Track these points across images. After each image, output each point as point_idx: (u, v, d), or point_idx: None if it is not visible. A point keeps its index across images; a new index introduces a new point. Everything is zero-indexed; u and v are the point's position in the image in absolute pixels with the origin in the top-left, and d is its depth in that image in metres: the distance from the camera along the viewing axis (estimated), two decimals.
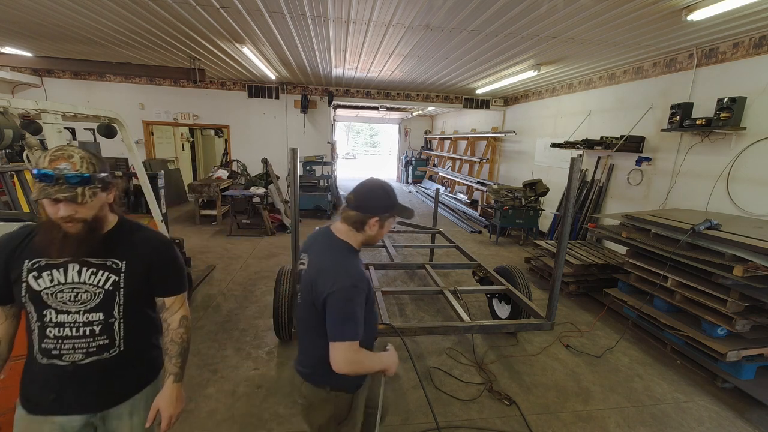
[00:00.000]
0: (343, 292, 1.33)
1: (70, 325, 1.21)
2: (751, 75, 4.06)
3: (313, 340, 1.47)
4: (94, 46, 6.09)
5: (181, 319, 1.40)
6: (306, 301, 1.44)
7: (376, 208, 1.45)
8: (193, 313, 3.98)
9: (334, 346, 1.32)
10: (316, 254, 1.48)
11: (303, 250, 1.57)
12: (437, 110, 14.22)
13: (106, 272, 1.23)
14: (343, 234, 1.49)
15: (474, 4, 3.65)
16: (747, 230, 3.21)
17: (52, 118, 2.32)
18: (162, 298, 1.38)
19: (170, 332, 1.38)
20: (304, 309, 1.47)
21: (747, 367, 2.99)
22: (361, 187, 1.48)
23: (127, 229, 1.32)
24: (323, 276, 1.37)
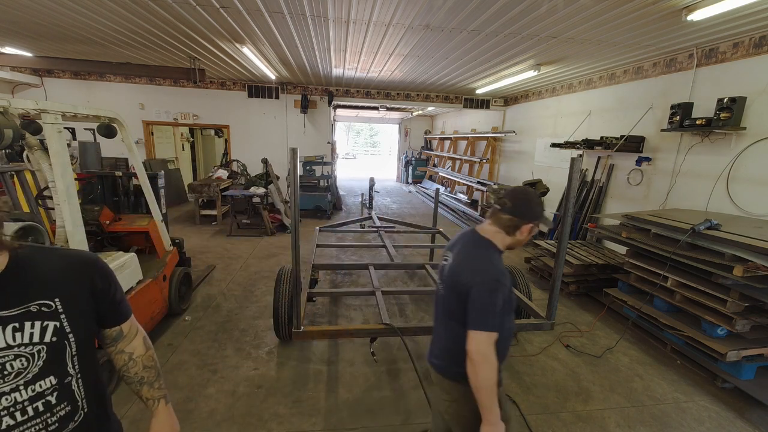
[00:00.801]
0: (487, 284, 1.41)
1: (10, 411, 0.85)
2: (751, 75, 4.06)
3: (453, 331, 1.52)
4: (94, 46, 6.09)
5: (144, 341, 1.20)
6: (448, 292, 1.53)
7: (532, 215, 1.52)
8: (193, 313, 3.98)
9: (472, 334, 1.38)
10: (461, 250, 1.58)
11: (447, 248, 1.67)
12: (437, 110, 14.21)
13: (37, 321, 0.89)
14: (490, 234, 1.56)
15: (474, 4, 3.65)
16: (747, 230, 3.21)
17: (52, 118, 2.32)
18: (116, 327, 1.11)
19: (138, 360, 1.16)
20: (446, 300, 1.56)
21: (747, 367, 2.99)
22: (518, 193, 1.54)
23: (34, 259, 0.93)
24: (468, 268, 1.48)
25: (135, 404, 2.63)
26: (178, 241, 4.18)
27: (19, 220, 2.28)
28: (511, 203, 1.52)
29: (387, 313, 2.95)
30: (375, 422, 2.59)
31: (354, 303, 4.42)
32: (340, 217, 9.07)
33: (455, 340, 1.48)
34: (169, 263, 3.74)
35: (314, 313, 4.16)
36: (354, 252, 6.36)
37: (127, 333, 1.14)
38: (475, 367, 1.36)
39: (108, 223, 3.53)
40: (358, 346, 3.48)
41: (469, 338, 1.39)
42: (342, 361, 3.27)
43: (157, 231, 3.70)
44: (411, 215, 9.73)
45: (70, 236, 2.41)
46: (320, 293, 3.66)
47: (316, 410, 2.67)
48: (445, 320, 1.58)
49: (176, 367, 3.07)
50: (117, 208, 4.28)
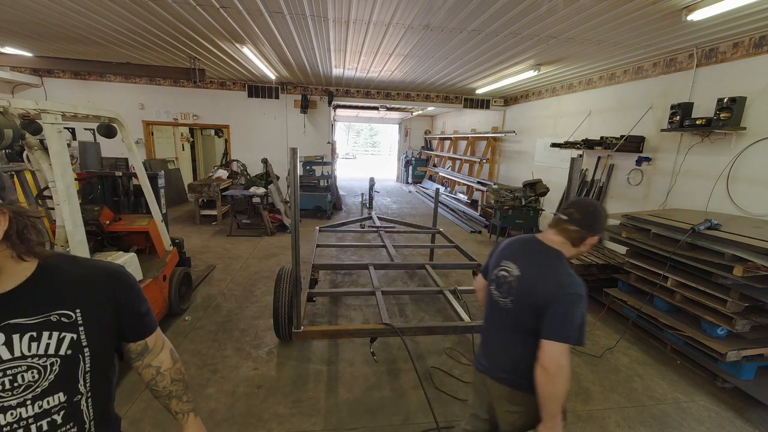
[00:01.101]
0: (571, 297, 1.41)
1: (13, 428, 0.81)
2: (751, 75, 4.06)
3: (528, 343, 1.49)
4: (94, 46, 6.09)
5: (171, 354, 1.16)
6: (521, 305, 1.51)
7: (599, 228, 1.54)
8: (193, 313, 3.98)
9: (551, 344, 1.38)
10: (530, 261, 1.55)
11: (505, 257, 1.63)
12: (437, 110, 14.22)
13: (55, 332, 0.85)
14: (557, 245, 1.56)
15: (474, 4, 3.65)
16: (747, 230, 3.21)
17: (52, 118, 2.32)
18: (140, 341, 1.07)
19: (166, 374, 1.12)
20: (518, 313, 1.53)
21: (747, 367, 2.98)
22: (587, 205, 1.56)
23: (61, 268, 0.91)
24: (549, 281, 1.46)
25: (135, 404, 2.64)
26: (178, 241, 4.18)
27: None
28: (579, 215, 1.52)
29: (387, 313, 2.95)
30: (375, 422, 2.59)
31: (354, 303, 4.42)
32: (340, 217, 9.07)
33: (533, 352, 1.47)
34: (169, 263, 3.74)
35: (314, 313, 4.16)
36: (354, 252, 6.36)
37: (152, 347, 1.11)
38: (552, 378, 1.38)
39: (108, 223, 3.53)
40: (358, 346, 3.48)
41: (545, 348, 1.39)
42: (342, 361, 3.27)
43: (157, 231, 3.70)
44: (411, 215, 9.73)
45: (70, 236, 2.41)
46: (320, 293, 3.66)
47: (316, 410, 2.67)
48: (517, 333, 1.56)
49: None
50: (117, 208, 4.28)
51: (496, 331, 1.66)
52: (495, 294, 1.63)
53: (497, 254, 1.70)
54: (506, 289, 1.58)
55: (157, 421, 2.49)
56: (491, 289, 1.67)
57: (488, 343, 1.71)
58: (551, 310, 1.41)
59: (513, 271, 1.56)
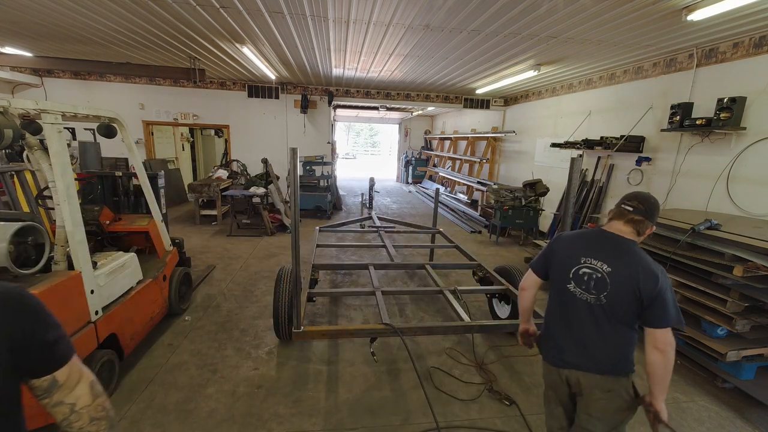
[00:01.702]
0: (668, 282, 1.56)
1: None
2: (751, 75, 4.06)
3: (622, 334, 1.64)
4: (94, 46, 6.09)
5: (91, 388, 0.94)
6: (617, 299, 1.59)
7: (656, 219, 1.69)
8: (193, 313, 3.98)
9: (666, 331, 1.56)
10: (615, 255, 1.63)
11: (583, 255, 1.70)
12: (437, 110, 14.22)
13: None
14: (629, 235, 1.67)
15: (474, 4, 3.65)
16: (747, 230, 3.21)
17: (52, 118, 2.32)
18: (45, 378, 0.87)
19: (83, 412, 0.91)
20: (613, 308, 1.61)
21: (747, 367, 2.98)
22: (647, 197, 1.69)
23: None
24: (648, 272, 1.56)
25: (135, 404, 2.64)
26: (178, 241, 4.18)
27: (19, 220, 2.28)
28: (643, 206, 1.65)
29: (387, 313, 2.96)
30: (375, 422, 2.59)
31: (354, 303, 4.42)
32: (340, 217, 9.07)
33: (628, 341, 1.65)
34: (169, 263, 3.74)
35: (314, 313, 4.16)
36: (354, 252, 6.36)
37: (64, 381, 0.89)
38: (668, 357, 1.56)
39: (108, 223, 3.53)
40: (358, 346, 3.48)
41: (660, 334, 1.55)
42: (342, 361, 3.27)
43: (157, 231, 3.70)
44: (411, 215, 9.73)
45: (70, 236, 2.41)
46: (320, 293, 3.66)
47: (316, 410, 2.67)
48: (610, 325, 1.64)
49: (176, 367, 3.07)
50: (117, 208, 4.28)
51: (580, 326, 1.70)
52: (576, 291, 1.69)
53: (565, 251, 1.75)
54: (594, 285, 1.64)
55: (157, 421, 2.49)
56: (568, 287, 1.71)
57: (569, 339, 1.74)
58: (659, 299, 1.53)
59: (601, 267, 1.63)
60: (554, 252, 1.81)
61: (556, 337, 1.79)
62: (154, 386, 2.83)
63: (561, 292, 1.75)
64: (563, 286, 1.73)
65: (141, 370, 3.02)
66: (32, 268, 2.26)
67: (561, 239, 1.84)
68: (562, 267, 1.75)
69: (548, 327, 1.87)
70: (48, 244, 2.36)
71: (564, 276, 1.73)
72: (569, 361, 1.74)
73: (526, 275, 1.96)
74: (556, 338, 1.79)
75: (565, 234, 1.86)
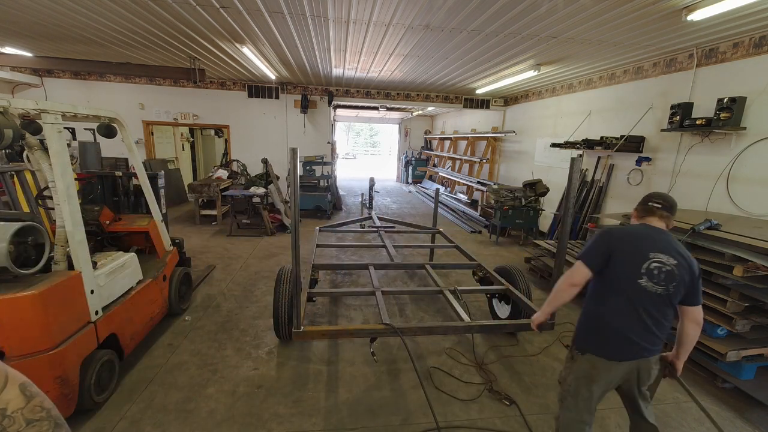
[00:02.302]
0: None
1: None
2: (751, 75, 4.06)
3: (669, 318, 1.84)
4: (94, 46, 6.09)
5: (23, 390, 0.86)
6: (680, 287, 1.77)
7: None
8: (193, 313, 3.98)
9: (701, 307, 1.86)
10: (673, 248, 1.81)
11: (652, 250, 1.80)
12: (437, 110, 14.22)
13: None
14: (667, 228, 1.90)
15: (474, 4, 3.65)
16: (747, 230, 3.21)
17: (52, 118, 2.32)
18: None
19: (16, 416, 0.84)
20: (672, 295, 1.78)
21: (747, 367, 2.98)
22: (667, 196, 1.95)
23: None
24: (692, 260, 1.81)
25: (135, 404, 2.63)
26: (178, 241, 4.18)
27: (19, 220, 2.28)
28: (669, 204, 1.91)
29: (387, 313, 2.95)
30: (375, 422, 2.59)
31: (354, 303, 4.42)
32: (340, 217, 9.07)
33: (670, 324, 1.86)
34: (169, 263, 3.74)
35: (314, 313, 4.16)
36: (354, 252, 6.36)
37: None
38: (700, 329, 1.89)
39: (108, 223, 3.53)
40: (358, 346, 3.48)
41: (698, 311, 1.84)
42: (342, 361, 3.27)
43: (157, 231, 3.70)
44: (411, 215, 9.73)
45: (70, 236, 2.41)
46: (320, 293, 3.66)
47: (316, 410, 2.67)
48: (669, 310, 1.82)
49: (176, 367, 3.07)
50: (117, 208, 4.28)
51: (648, 317, 1.80)
52: (647, 285, 1.77)
53: (629, 248, 1.81)
54: (664, 278, 1.76)
55: (157, 421, 2.49)
56: (639, 282, 1.77)
57: (640, 330, 1.82)
58: (698, 281, 1.80)
59: (669, 261, 1.77)
60: (615, 249, 1.82)
61: (629, 333, 1.81)
62: (154, 386, 2.83)
63: (629, 286, 1.79)
64: (633, 280, 1.78)
65: (141, 370, 3.02)
66: (32, 268, 2.26)
67: (616, 236, 1.86)
68: (630, 263, 1.79)
69: (606, 322, 1.85)
70: (48, 244, 2.36)
71: (635, 271, 1.78)
72: (640, 352, 1.83)
73: (576, 271, 1.90)
74: (629, 333, 1.81)
75: (617, 231, 1.90)
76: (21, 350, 2.10)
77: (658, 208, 1.88)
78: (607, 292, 1.85)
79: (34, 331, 2.13)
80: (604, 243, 1.86)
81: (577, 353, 1.95)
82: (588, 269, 1.87)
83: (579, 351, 1.94)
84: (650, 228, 1.87)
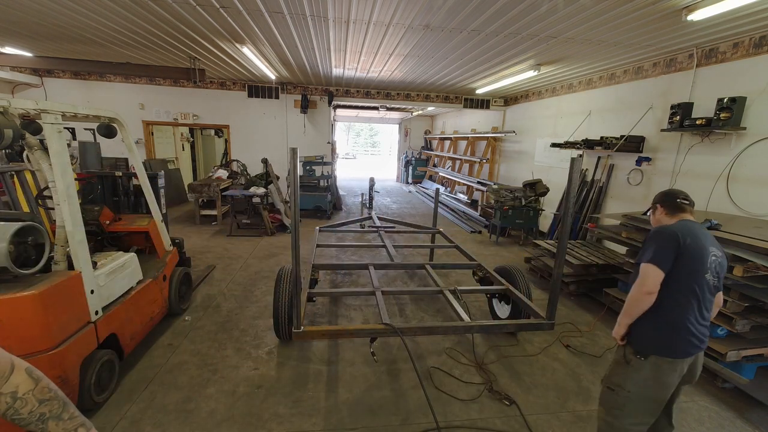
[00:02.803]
0: None
1: None
2: (751, 75, 4.06)
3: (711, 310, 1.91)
4: (94, 46, 6.09)
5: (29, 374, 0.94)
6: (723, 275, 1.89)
7: None
8: (193, 313, 3.98)
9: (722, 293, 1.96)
10: (716, 241, 1.92)
11: (709, 244, 1.87)
12: (437, 110, 14.22)
13: None
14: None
15: (474, 4, 3.65)
16: (747, 230, 3.21)
17: (52, 118, 2.32)
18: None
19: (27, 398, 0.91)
20: (717, 286, 1.87)
21: (747, 367, 2.99)
22: (686, 193, 2.02)
23: None
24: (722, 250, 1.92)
25: (135, 404, 2.63)
26: (178, 241, 4.18)
27: (19, 220, 2.28)
28: (692, 201, 2.00)
29: (387, 313, 2.95)
30: (375, 422, 2.59)
31: (354, 303, 4.42)
32: (340, 217, 9.07)
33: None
34: (169, 263, 3.74)
35: (314, 313, 4.16)
36: (354, 252, 6.36)
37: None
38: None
39: (108, 223, 3.53)
40: (358, 346, 3.48)
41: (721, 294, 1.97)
42: (342, 361, 3.27)
43: (157, 231, 3.70)
44: (411, 215, 9.73)
45: (70, 236, 2.41)
46: (320, 293, 3.66)
47: (316, 410, 2.67)
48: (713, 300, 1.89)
49: (176, 367, 3.07)
50: (117, 208, 4.28)
51: (707, 309, 1.87)
52: (709, 279, 1.83)
53: (695, 246, 1.81)
54: (717, 270, 1.86)
55: (157, 421, 2.49)
56: (706, 277, 1.82)
57: (704, 323, 1.87)
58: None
59: (718, 253, 1.88)
60: (684, 248, 1.79)
61: (692, 328, 1.83)
62: (154, 386, 2.83)
63: (697, 282, 1.82)
64: (702, 276, 1.82)
65: (141, 370, 3.02)
66: (32, 268, 2.26)
67: (680, 235, 1.80)
68: (699, 260, 1.81)
69: (674, 320, 1.83)
70: (48, 244, 2.36)
71: (702, 267, 1.81)
72: (699, 345, 1.87)
73: (650, 277, 1.81)
74: (692, 329, 1.83)
75: (678, 230, 1.83)
76: (21, 350, 2.10)
77: (687, 205, 1.96)
78: (674, 291, 1.82)
79: (34, 331, 2.13)
80: (671, 243, 1.80)
81: (637, 358, 1.87)
82: (662, 272, 1.79)
83: (640, 356, 1.87)
84: (696, 224, 1.91)
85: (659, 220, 2.04)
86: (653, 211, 2.10)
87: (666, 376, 1.86)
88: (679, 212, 1.96)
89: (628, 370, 1.91)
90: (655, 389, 1.88)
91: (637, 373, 1.88)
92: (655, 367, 1.85)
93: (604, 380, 2.05)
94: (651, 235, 1.91)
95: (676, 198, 1.98)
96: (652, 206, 2.11)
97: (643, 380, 1.87)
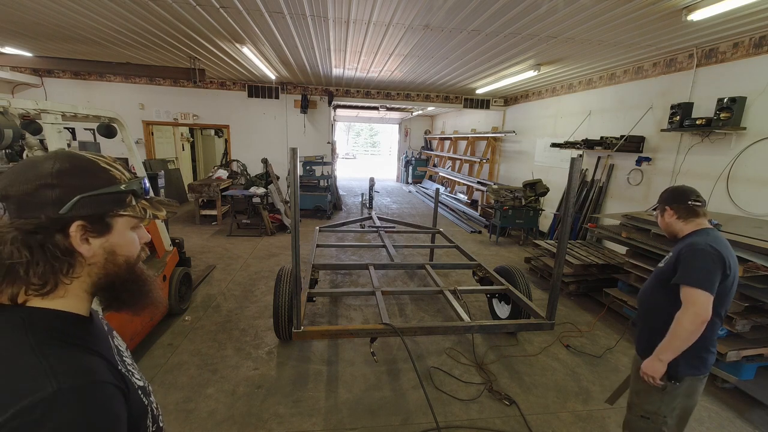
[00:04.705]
0: None
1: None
2: (751, 75, 4.06)
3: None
4: (94, 46, 6.09)
5: None
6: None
7: None
8: (193, 313, 3.98)
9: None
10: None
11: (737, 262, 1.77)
12: (437, 110, 14.21)
13: None
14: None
15: (474, 4, 3.65)
16: (747, 230, 3.21)
17: (52, 118, 2.32)
18: None
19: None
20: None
21: (747, 367, 2.98)
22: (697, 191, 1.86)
23: None
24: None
25: None
26: (178, 241, 4.18)
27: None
28: (704, 199, 1.84)
29: (387, 313, 2.95)
30: (375, 422, 2.59)
31: (354, 303, 4.42)
32: (340, 217, 9.07)
33: None
34: (169, 263, 3.74)
35: (314, 313, 4.16)
36: (354, 252, 6.36)
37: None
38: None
39: None
40: (358, 346, 3.48)
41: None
42: (342, 361, 3.27)
43: (157, 231, 3.70)
44: (411, 215, 9.73)
45: None
46: (320, 293, 3.66)
47: (316, 410, 2.67)
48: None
49: (176, 367, 3.07)
50: None
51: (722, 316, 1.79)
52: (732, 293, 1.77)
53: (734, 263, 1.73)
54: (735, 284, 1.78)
55: None
56: (732, 289, 1.75)
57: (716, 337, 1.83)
58: None
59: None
60: (729, 271, 1.69)
61: (715, 341, 1.82)
62: (154, 386, 2.83)
63: (729, 300, 1.76)
64: (733, 291, 1.76)
65: (141, 370, 3.01)
66: None
67: (722, 255, 1.67)
68: (736, 280, 1.76)
69: (709, 339, 1.76)
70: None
71: (735, 285, 1.75)
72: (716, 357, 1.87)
73: (703, 305, 1.63)
74: (715, 341, 1.82)
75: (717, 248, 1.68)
76: None
77: (700, 207, 1.78)
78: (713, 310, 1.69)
79: None
80: (719, 267, 1.66)
81: (672, 383, 1.77)
82: (712, 297, 1.64)
83: (675, 380, 1.77)
84: (718, 233, 1.79)
85: (670, 224, 1.87)
86: (661, 213, 1.91)
87: (698, 392, 1.87)
88: (693, 217, 1.78)
89: (663, 396, 1.82)
90: (690, 405, 1.89)
91: (673, 399, 1.82)
92: (691, 388, 1.82)
93: (634, 408, 1.94)
94: (694, 253, 1.68)
95: (688, 199, 1.78)
96: (660, 206, 1.92)
97: (679, 402, 1.84)
